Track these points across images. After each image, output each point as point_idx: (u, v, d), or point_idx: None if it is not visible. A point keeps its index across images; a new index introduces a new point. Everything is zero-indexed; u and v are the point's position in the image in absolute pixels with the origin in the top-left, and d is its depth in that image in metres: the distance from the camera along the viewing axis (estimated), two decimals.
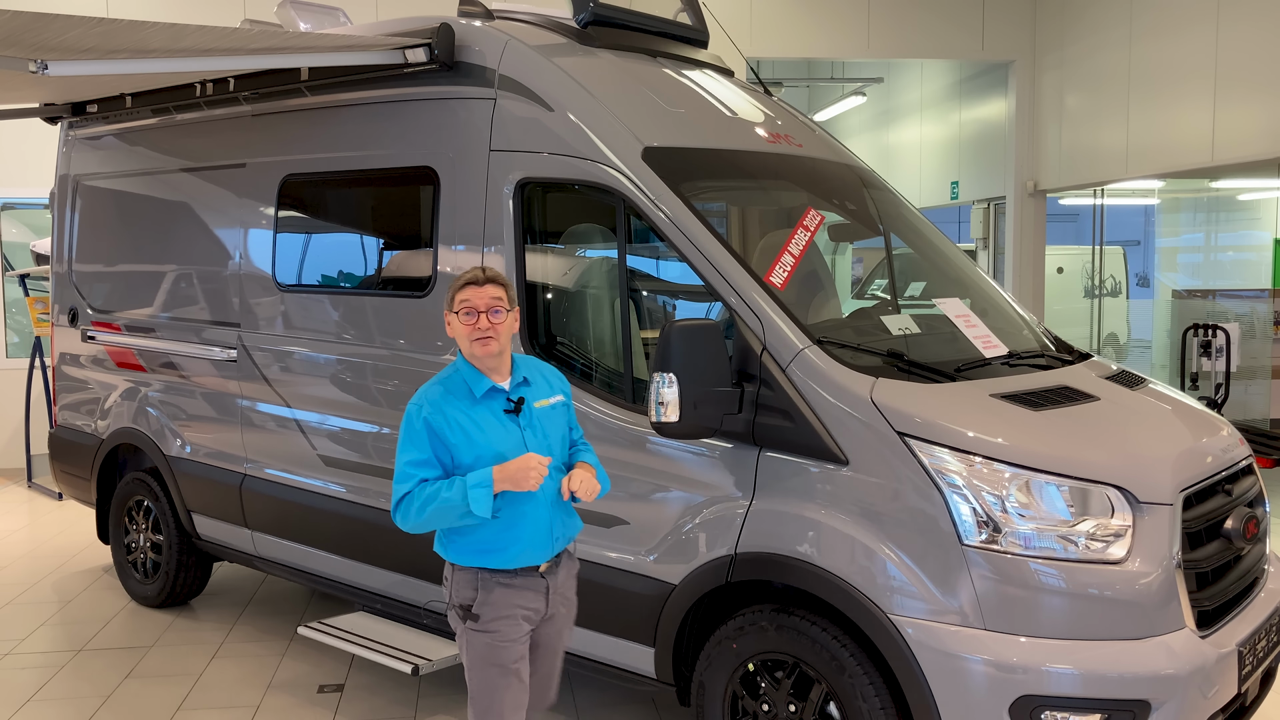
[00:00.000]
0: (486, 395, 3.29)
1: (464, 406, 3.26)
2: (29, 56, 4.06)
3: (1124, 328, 15.63)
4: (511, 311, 3.31)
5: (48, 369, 9.05)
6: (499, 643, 3.29)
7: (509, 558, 3.27)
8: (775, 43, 11.92)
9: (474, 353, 3.27)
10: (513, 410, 3.30)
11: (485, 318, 3.24)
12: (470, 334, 3.25)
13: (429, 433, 3.23)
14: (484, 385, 3.29)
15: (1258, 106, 9.30)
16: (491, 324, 3.24)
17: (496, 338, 3.26)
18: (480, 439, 3.23)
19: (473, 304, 3.25)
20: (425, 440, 3.23)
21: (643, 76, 4.77)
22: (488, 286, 3.27)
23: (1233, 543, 3.74)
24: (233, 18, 9.67)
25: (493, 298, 3.25)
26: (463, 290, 3.28)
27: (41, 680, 5.39)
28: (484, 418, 3.26)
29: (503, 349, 3.30)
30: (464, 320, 3.26)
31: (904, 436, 3.48)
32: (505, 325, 3.28)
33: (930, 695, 3.37)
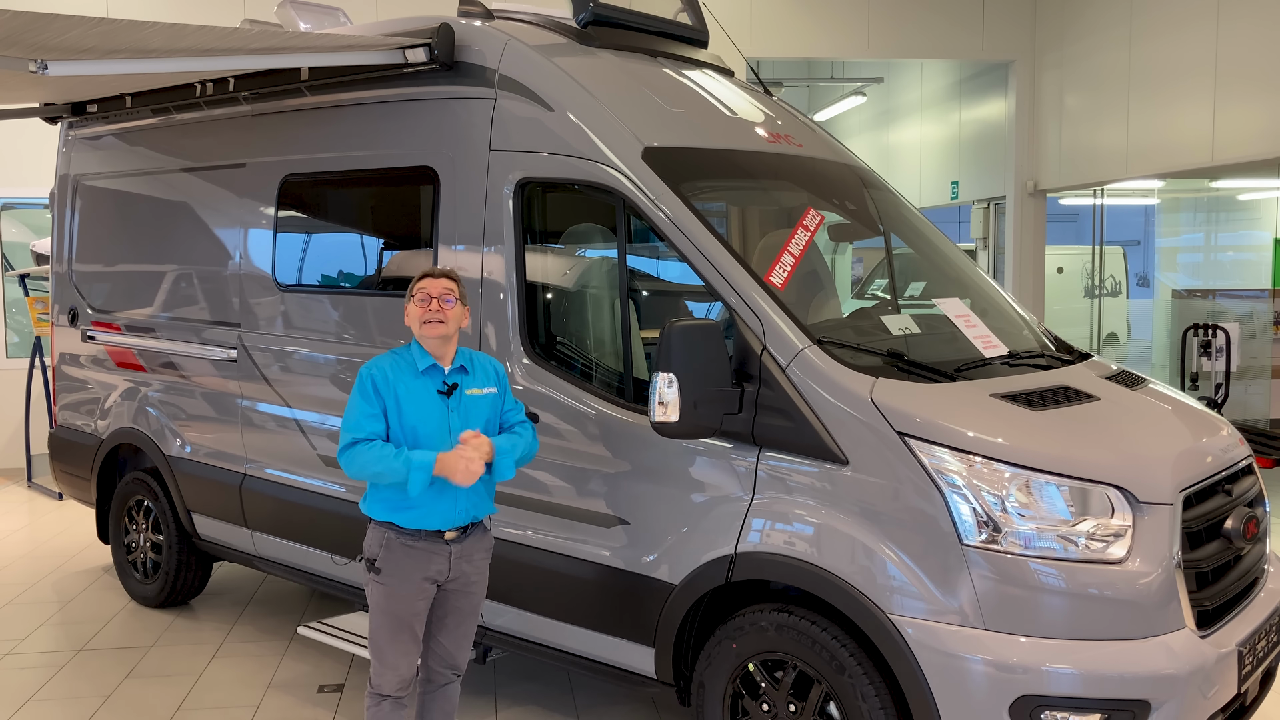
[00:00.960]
0: (426, 372, 3.70)
1: (406, 378, 3.69)
2: (29, 56, 4.06)
3: (1124, 328, 15.63)
4: (462, 305, 3.73)
5: (48, 369, 9.04)
6: (396, 595, 3.71)
7: (414, 518, 3.68)
8: (775, 43, 11.92)
9: (424, 334, 3.68)
10: (445, 392, 3.70)
11: (436, 302, 3.66)
12: (422, 315, 3.66)
13: (375, 392, 3.66)
14: (426, 362, 3.71)
15: (1258, 106, 9.30)
16: (441, 308, 3.66)
17: (445, 322, 3.67)
18: (411, 408, 3.66)
19: (427, 291, 3.68)
20: (372, 398, 3.66)
21: (643, 76, 4.77)
22: (441, 279, 3.72)
23: (1233, 543, 3.74)
24: (233, 18, 9.67)
25: (445, 287, 3.69)
26: (420, 280, 3.72)
27: (41, 680, 5.39)
28: (419, 392, 3.68)
29: (449, 335, 3.70)
30: (418, 304, 3.68)
31: (904, 436, 3.48)
32: (454, 313, 3.69)
33: (930, 695, 3.37)
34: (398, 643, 3.76)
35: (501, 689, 5.19)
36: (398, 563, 3.70)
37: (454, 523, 3.73)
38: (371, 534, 3.78)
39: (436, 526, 3.71)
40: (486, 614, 4.58)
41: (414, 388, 3.68)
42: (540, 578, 4.33)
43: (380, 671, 3.79)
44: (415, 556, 3.71)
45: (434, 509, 3.69)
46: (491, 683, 5.26)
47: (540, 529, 4.34)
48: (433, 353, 3.72)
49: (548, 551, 4.31)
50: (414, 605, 3.74)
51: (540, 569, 4.32)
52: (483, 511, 3.82)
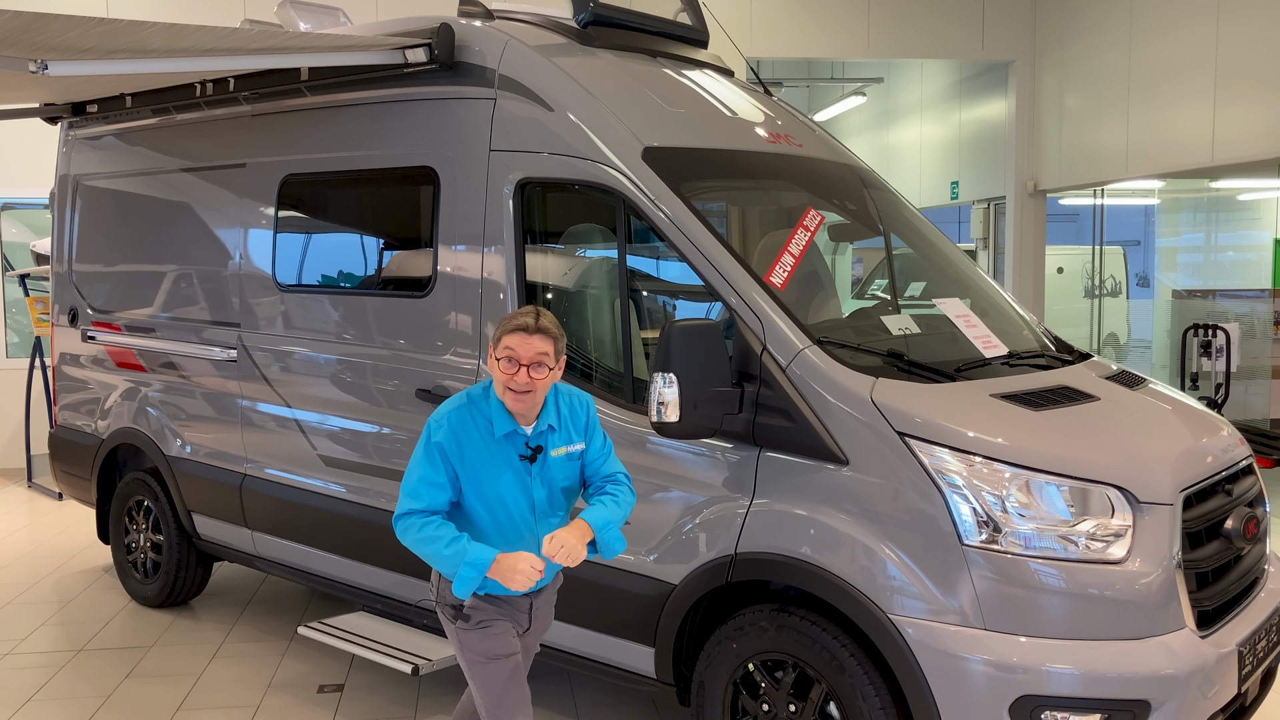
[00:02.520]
0: (506, 437, 3.21)
1: (480, 441, 3.18)
2: (29, 56, 4.06)
3: (1124, 328, 15.63)
4: (556, 367, 3.16)
5: (48, 369, 9.05)
6: (493, 634, 3.31)
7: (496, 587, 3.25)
8: (775, 43, 11.92)
9: (508, 402, 3.15)
10: (528, 458, 3.21)
11: (526, 372, 3.10)
12: (507, 383, 3.12)
13: (441, 456, 3.17)
14: (505, 428, 3.19)
15: (1258, 106, 9.30)
16: (531, 380, 3.11)
17: (534, 392, 3.13)
18: (486, 479, 3.19)
19: (516, 354, 3.10)
20: (438, 462, 3.17)
21: (643, 76, 4.77)
22: (536, 338, 3.10)
23: (1233, 543, 3.74)
24: (233, 18, 9.68)
25: (539, 352, 3.10)
26: (510, 335, 3.12)
27: (41, 680, 5.39)
28: (496, 459, 3.19)
29: (536, 404, 3.19)
30: (503, 368, 3.11)
31: (904, 436, 3.48)
32: (545, 381, 3.14)
33: (930, 695, 3.37)
34: (514, 682, 3.31)
35: None
36: (488, 614, 3.32)
37: (537, 587, 3.35)
38: (445, 583, 3.31)
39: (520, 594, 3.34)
40: None
41: (490, 453, 3.19)
42: None
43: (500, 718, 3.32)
44: (500, 609, 3.34)
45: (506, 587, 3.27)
46: None
47: None
48: (515, 411, 3.20)
49: None
50: (512, 642, 3.34)
51: None
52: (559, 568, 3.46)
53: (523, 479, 3.22)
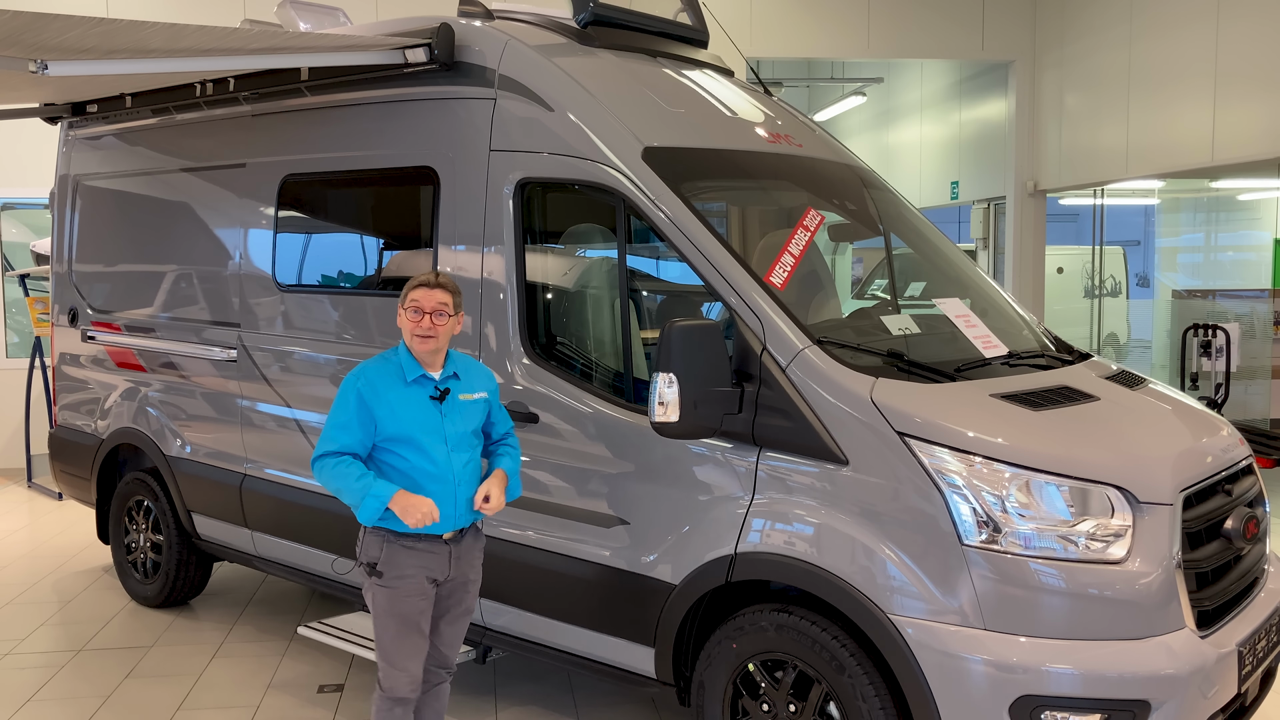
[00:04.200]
0: (416, 381, 3.68)
1: (395, 386, 3.67)
2: (29, 56, 4.06)
3: (1124, 328, 15.64)
4: (455, 316, 3.70)
5: (48, 369, 9.05)
6: (400, 597, 3.69)
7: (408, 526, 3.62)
8: (775, 43, 11.92)
9: (414, 347, 3.68)
10: (437, 398, 3.68)
11: (429, 319, 3.65)
12: (413, 329, 3.65)
13: (358, 402, 3.64)
14: (415, 372, 3.69)
15: (1258, 106, 9.30)
16: (434, 324, 3.65)
17: (436, 337, 3.66)
18: (405, 415, 3.64)
19: (420, 304, 3.66)
20: (353, 408, 3.64)
21: (643, 76, 4.77)
22: (436, 291, 3.67)
23: (1233, 543, 3.74)
24: (233, 18, 9.67)
25: (439, 302, 3.66)
26: (414, 290, 3.68)
27: (41, 680, 5.39)
28: (410, 399, 3.66)
29: (440, 347, 3.69)
30: (410, 317, 3.66)
31: (904, 436, 3.48)
32: (446, 327, 3.67)
33: (930, 695, 3.37)
34: (407, 643, 3.74)
35: (501, 689, 5.19)
36: (399, 564, 3.68)
37: (455, 525, 3.73)
38: (369, 538, 3.74)
39: (438, 532, 3.69)
40: (486, 614, 4.58)
41: (405, 395, 3.67)
42: (540, 578, 4.33)
43: (390, 674, 3.76)
44: (416, 556, 3.69)
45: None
46: (491, 683, 5.26)
47: (540, 529, 4.34)
48: (423, 360, 3.71)
49: (548, 552, 4.31)
50: (418, 604, 3.73)
51: (540, 569, 4.32)
52: (478, 514, 3.82)
53: (434, 416, 3.67)
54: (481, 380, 3.86)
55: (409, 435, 3.64)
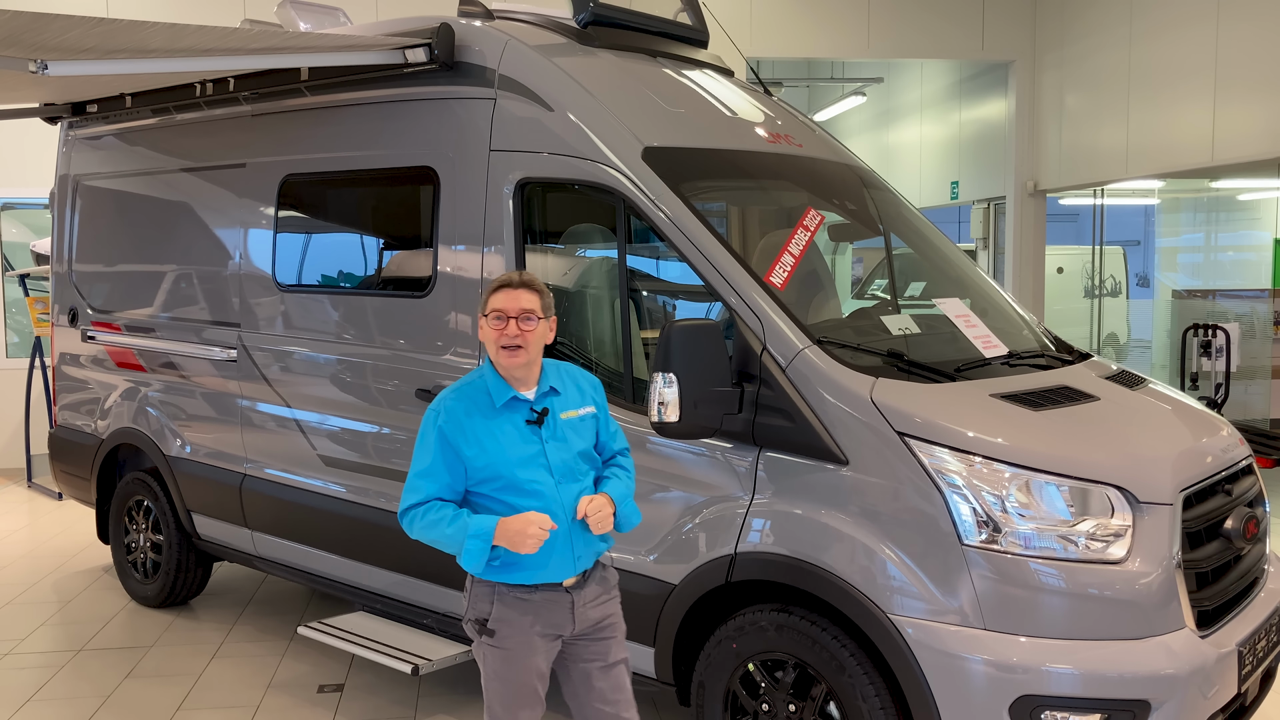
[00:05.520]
0: (507, 405, 3.14)
1: (482, 416, 3.12)
2: (29, 56, 4.06)
3: (1124, 328, 15.63)
4: (546, 320, 3.15)
5: (48, 369, 9.04)
6: (515, 659, 3.18)
7: (527, 574, 3.12)
8: (775, 43, 11.92)
9: (501, 361, 3.12)
10: (535, 421, 3.14)
11: (515, 324, 3.08)
12: (498, 340, 3.10)
13: (441, 442, 3.11)
14: (505, 395, 3.14)
15: (1258, 106, 9.30)
16: (521, 331, 3.08)
17: (525, 347, 3.09)
18: (495, 450, 3.09)
19: (503, 309, 3.10)
20: (435, 449, 3.12)
21: (643, 76, 4.77)
22: (521, 292, 3.12)
23: (1233, 543, 3.74)
24: (233, 18, 9.67)
25: (524, 307, 3.09)
26: (495, 294, 3.13)
27: (41, 680, 5.39)
28: (502, 429, 3.12)
29: (531, 359, 3.14)
30: (493, 325, 3.11)
31: (904, 436, 3.48)
32: (536, 334, 3.11)
33: (930, 695, 3.37)
34: (521, 711, 3.21)
35: None
36: (513, 620, 3.15)
37: (573, 568, 3.18)
38: (477, 589, 3.21)
39: (557, 579, 3.16)
40: None
41: (495, 425, 3.11)
42: None
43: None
44: (533, 610, 3.15)
45: (547, 562, 3.12)
46: None
47: None
48: (513, 378, 3.16)
49: None
50: (536, 666, 3.19)
51: None
52: (601, 545, 3.28)
53: (533, 443, 3.12)
54: (586, 391, 3.29)
55: (505, 474, 3.09)
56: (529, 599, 3.15)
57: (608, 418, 3.34)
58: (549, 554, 3.10)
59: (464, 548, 3.04)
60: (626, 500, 3.24)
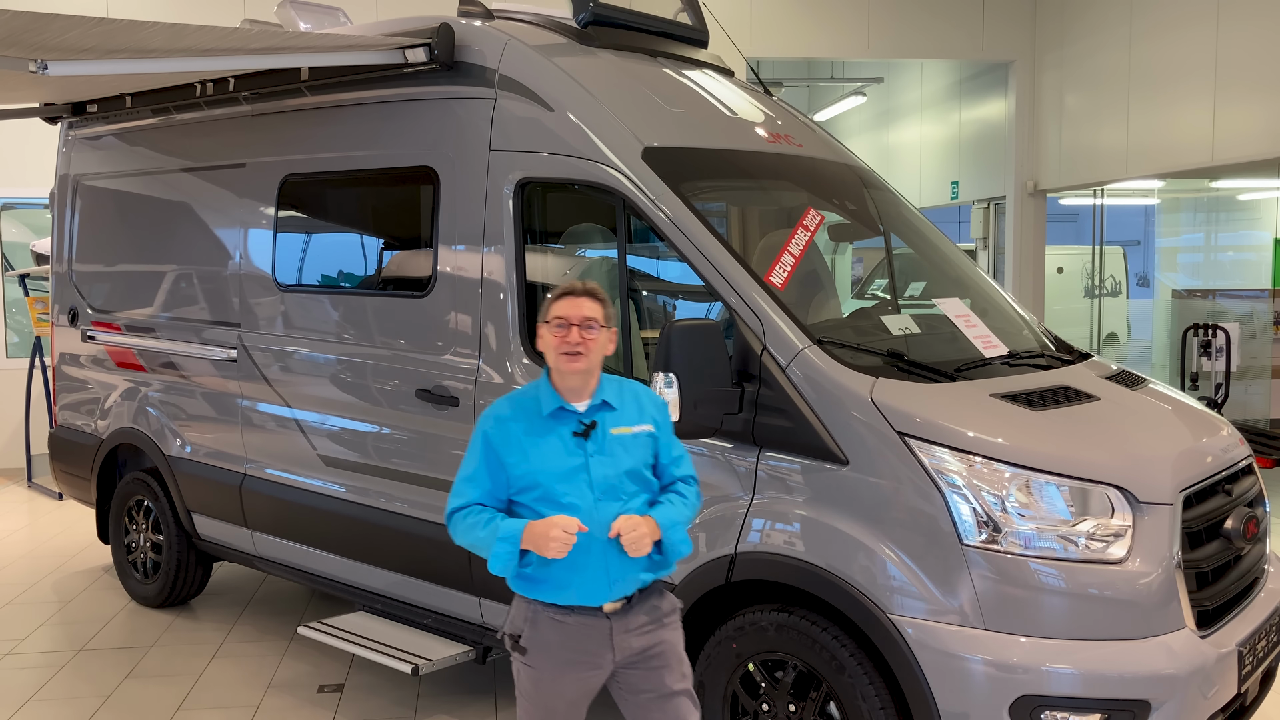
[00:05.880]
0: (554, 415, 3.06)
1: (529, 424, 3.06)
2: (29, 56, 4.06)
3: (1124, 328, 15.64)
4: (608, 330, 3.07)
5: (48, 369, 9.05)
6: (545, 681, 3.08)
7: (559, 593, 3.03)
8: (775, 43, 11.92)
9: (560, 367, 3.04)
10: (582, 434, 3.04)
11: (577, 331, 3.01)
12: (559, 347, 3.02)
13: (486, 448, 3.07)
14: (553, 404, 3.06)
15: (1258, 106, 9.30)
16: (583, 339, 3.01)
17: (586, 354, 3.01)
18: (536, 459, 3.01)
19: (565, 317, 3.02)
20: (480, 455, 3.07)
21: (643, 76, 4.77)
22: (584, 299, 3.05)
23: (1233, 543, 3.74)
24: (233, 18, 9.67)
25: (586, 315, 3.02)
26: (558, 301, 3.06)
27: (41, 680, 5.39)
28: (547, 438, 3.04)
29: (591, 368, 3.05)
30: (554, 332, 3.03)
31: (904, 436, 3.48)
32: (598, 342, 3.03)
33: (930, 695, 3.37)
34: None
35: (501, 689, 5.19)
36: (546, 642, 3.06)
37: (609, 596, 3.04)
38: (516, 604, 3.13)
39: (585, 602, 3.03)
40: (486, 613, 4.58)
41: (539, 433, 3.04)
42: None
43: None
44: (565, 634, 3.05)
45: (573, 581, 3.01)
46: (492, 682, 5.26)
47: None
48: (568, 387, 3.07)
49: None
50: (567, 693, 3.09)
51: None
52: (653, 572, 3.11)
53: (577, 456, 3.03)
54: (646, 409, 3.16)
55: (543, 484, 3.01)
56: (564, 621, 3.05)
57: (671, 440, 3.21)
58: (578, 571, 2.99)
59: (492, 551, 2.97)
60: (676, 527, 3.05)
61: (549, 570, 3.00)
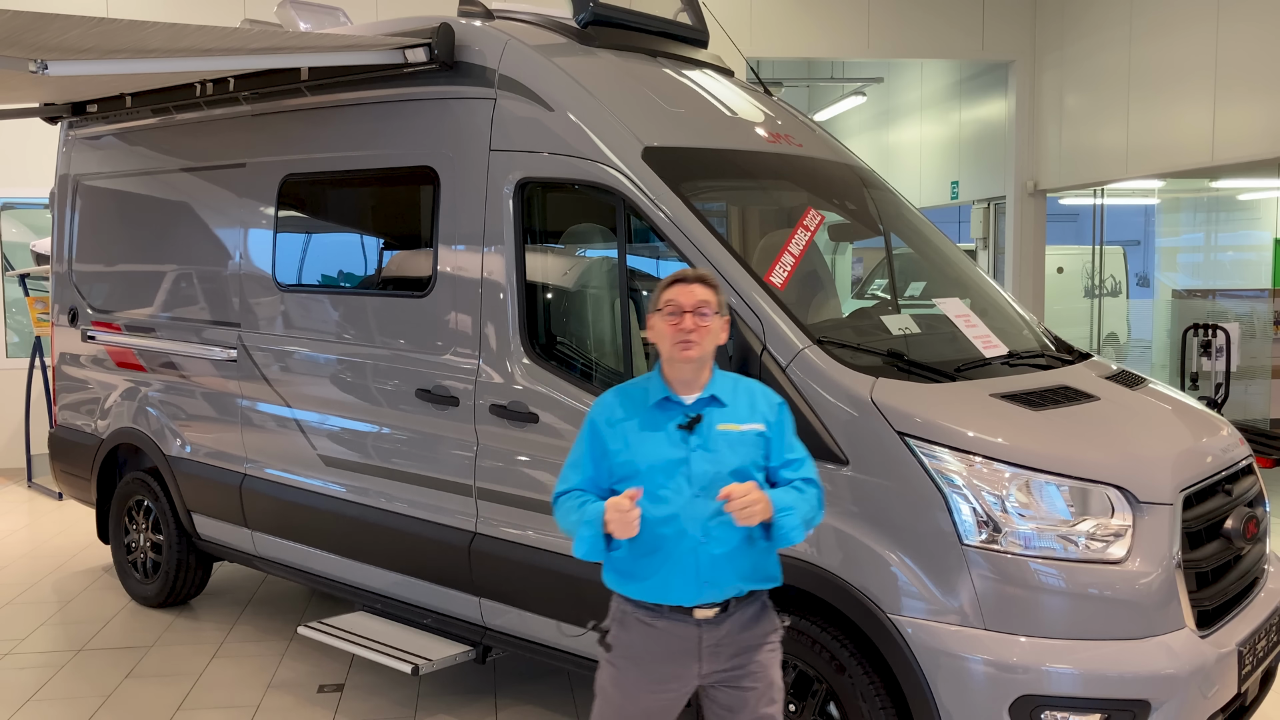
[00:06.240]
0: (660, 406, 2.97)
1: (634, 413, 2.98)
2: (29, 56, 4.06)
3: (1124, 328, 15.63)
4: (720, 317, 2.99)
5: (48, 369, 9.04)
6: (624, 684, 2.99)
7: (645, 588, 2.92)
8: (775, 43, 11.92)
9: (674, 357, 2.94)
10: (686, 427, 2.93)
11: (690, 318, 2.92)
12: (673, 336, 2.92)
13: (591, 434, 3.01)
14: (659, 394, 2.97)
15: (1258, 106, 9.30)
16: (696, 325, 2.91)
17: (700, 342, 2.92)
18: (638, 448, 2.93)
19: (678, 302, 2.93)
20: (586, 441, 3.02)
21: (643, 76, 4.77)
22: (696, 286, 2.96)
23: (1233, 542, 3.74)
24: (233, 18, 9.67)
25: (700, 299, 2.94)
26: (670, 288, 2.98)
27: (41, 680, 5.39)
28: (650, 429, 2.95)
29: (704, 358, 2.96)
30: (667, 320, 2.94)
31: (904, 436, 3.48)
32: (711, 330, 2.95)
33: (930, 695, 3.37)
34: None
35: (501, 689, 5.19)
36: (631, 644, 2.96)
37: (700, 597, 2.89)
38: (614, 602, 3.05)
39: (673, 601, 2.90)
40: (486, 614, 4.58)
41: (642, 423, 2.96)
42: (541, 578, 4.33)
43: None
44: (651, 637, 2.94)
45: (659, 573, 2.89)
46: (491, 683, 5.26)
47: (540, 529, 4.34)
48: (679, 378, 2.98)
49: (548, 551, 4.31)
50: (643, 702, 2.97)
51: (540, 569, 4.32)
52: (754, 582, 2.96)
53: (678, 449, 2.91)
54: (757, 408, 3.02)
55: (640, 472, 2.91)
56: (652, 625, 2.94)
57: (787, 443, 3.05)
58: (665, 564, 2.89)
59: (577, 534, 2.88)
60: (789, 512, 2.87)
61: (637, 561, 2.91)
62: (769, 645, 3.03)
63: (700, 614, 2.91)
